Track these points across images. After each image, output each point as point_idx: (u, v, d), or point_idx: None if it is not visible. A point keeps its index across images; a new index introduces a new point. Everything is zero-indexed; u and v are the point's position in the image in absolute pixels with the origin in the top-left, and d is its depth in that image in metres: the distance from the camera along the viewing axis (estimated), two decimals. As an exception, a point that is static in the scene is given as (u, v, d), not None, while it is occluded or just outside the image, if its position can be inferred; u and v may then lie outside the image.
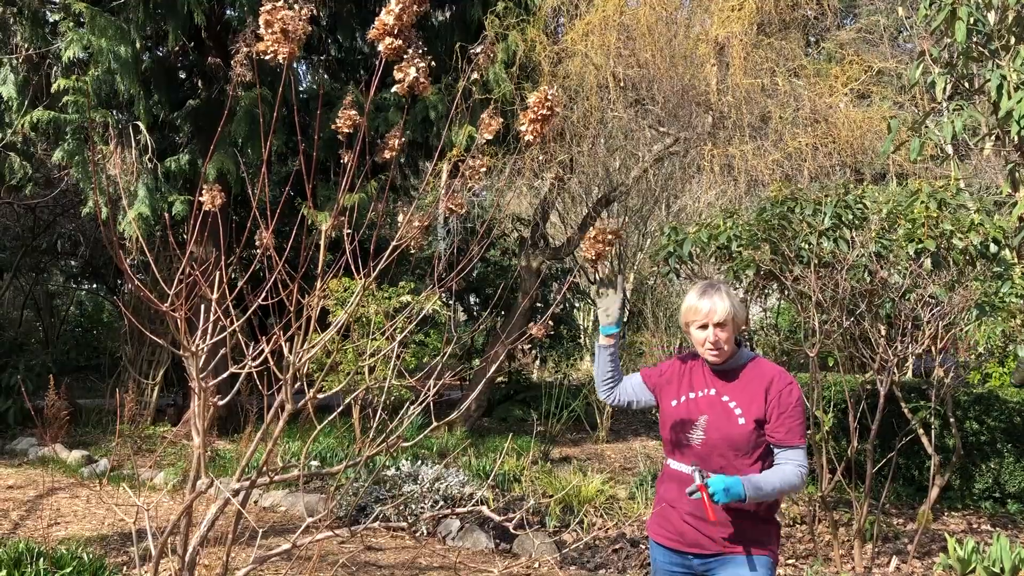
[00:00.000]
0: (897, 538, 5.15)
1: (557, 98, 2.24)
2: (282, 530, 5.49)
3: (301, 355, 2.43)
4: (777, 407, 2.36)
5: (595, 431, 9.65)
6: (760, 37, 8.10)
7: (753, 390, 2.40)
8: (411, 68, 2.10)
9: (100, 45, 6.88)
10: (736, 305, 2.39)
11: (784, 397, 2.36)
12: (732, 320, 2.40)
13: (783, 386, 2.37)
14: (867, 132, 7.72)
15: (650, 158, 8.39)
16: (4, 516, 5.56)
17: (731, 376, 2.45)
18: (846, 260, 4.44)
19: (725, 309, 2.38)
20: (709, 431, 2.40)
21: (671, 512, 2.49)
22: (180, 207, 7.48)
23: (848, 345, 4.90)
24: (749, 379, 2.42)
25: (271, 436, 2.37)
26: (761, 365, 2.46)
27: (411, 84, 2.10)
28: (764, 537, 2.42)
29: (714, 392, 2.45)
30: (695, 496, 2.27)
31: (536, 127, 2.22)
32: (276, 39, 2.48)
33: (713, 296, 2.39)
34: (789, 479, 2.34)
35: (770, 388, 2.38)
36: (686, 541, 2.44)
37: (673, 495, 2.48)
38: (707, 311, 2.40)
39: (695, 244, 5.01)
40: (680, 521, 2.45)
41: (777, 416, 2.36)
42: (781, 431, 2.37)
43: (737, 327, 2.41)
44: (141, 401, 8.78)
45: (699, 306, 2.41)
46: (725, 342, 2.41)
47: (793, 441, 2.37)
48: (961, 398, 6.19)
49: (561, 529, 5.39)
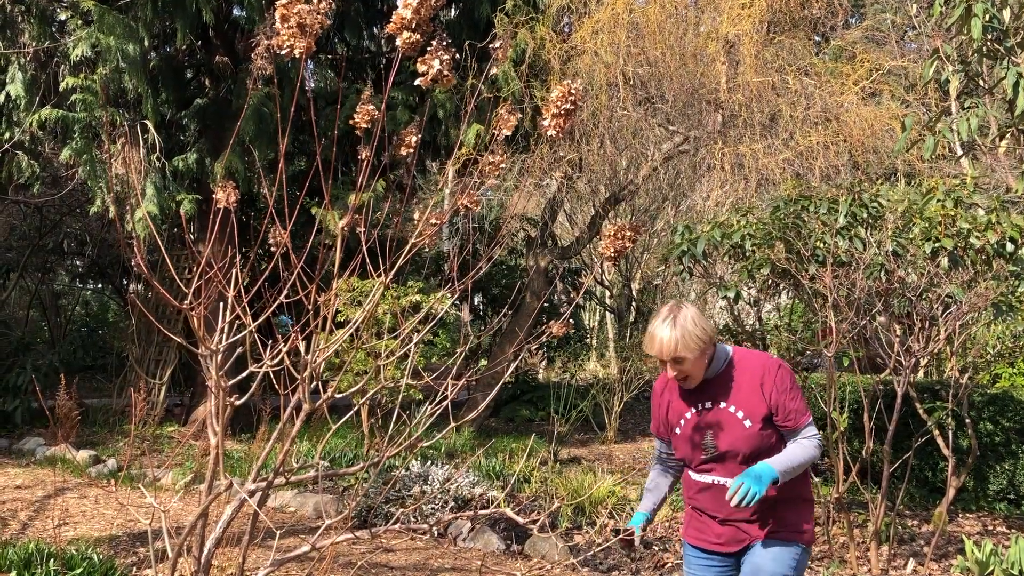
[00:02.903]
0: (913, 540, 5.10)
1: (579, 93, 2.20)
2: (292, 531, 5.45)
3: (318, 354, 2.39)
4: (777, 396, 2.35)
5: (603, 431, 9.61)
6: (771, 35, 8.06)
7: (748, 389, 2.37)
8: (435, 60, 2.06)
9: (108, 43, 6.86)
10: (693, 334, 2.28)
11: (779, 384, 2.35)
12: (687, 348, 2.30)
13: (775, 373, 2.36)
14: (878, 131, 7.67)
15: (659, 157, 8.35)
16: (13, 516, 5.53)
17: (718, 383, 2.41)
18: (863, 259, 4.39)
19: (672, 344, 2.29)
20: (720, 443, 2.40)
21: (709, 520, 2.47)
22: (188, 206, 7.46)
23: (863, 345, 4.85)
24: (739, 378, 2.40)
25: (287, 436, 2.33)
26: (743, 359, 2.43)
27: (435, 76, 2.06)
28: (795, 522, 2.42)
29: (710, 404, 2.42)
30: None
31: (559, 121, 2.18)
32: (293, 33, 2.44)
33: (664, 329, 2.30)
34: (809, 451, 2.35)
35: (764, 382, 2.36)
36: (724, 540, 2.44)
37: (708, 505, 2.46)
38: (657, 349, 2.33)
39: (708, 243, 4.97)
40: (719, 525, 2.44)
41: (782, 405, 2.36)
42: (791, 419, 2.38)
43: (701, 349, 2.32)
44: (149, 401, 8.76)
45: (650, 340, 2.34)
46: (688, 373, 2.36)
47: (800, 421, 2.38)
48: (975, 399, 6.14)
49: (573, 530, 5.35)
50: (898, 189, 5.58)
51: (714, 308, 9.27)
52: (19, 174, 7.86)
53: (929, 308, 4.41)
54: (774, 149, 7.56)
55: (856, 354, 4.77)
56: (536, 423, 10.86)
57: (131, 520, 5.48)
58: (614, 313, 15.94)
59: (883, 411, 4.74)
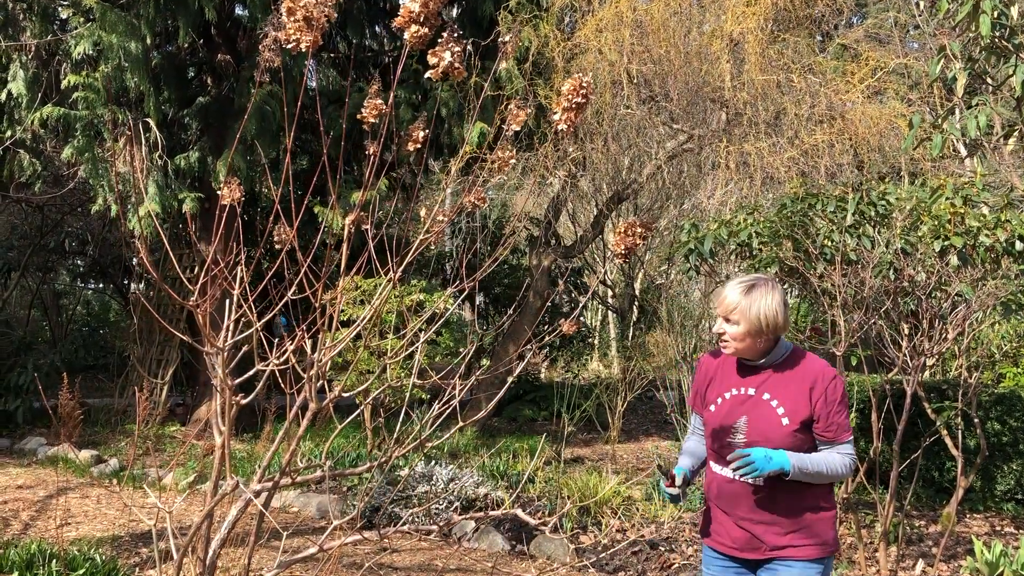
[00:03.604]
0: (921, 540, 5.06)
1: (591, 86, 2.16)
2: (297, 531, 5.42)
3: (324, 353, 2.35)
4: (824, 406, 2.29)
5: (606, 431, 9.56)
6: (775, 33, 8.02)
7: (797, 388, 2.32)
8: (446, 52, 2.02)
9: (110, 41, 6.82)
10: (758, 305, 2.29)
11: (830, 395, 2.29)
12: (745, 318, 2.31)
13: (828, 383, 2.30)
14: (884, 129, 7.63)
15: (663, 155, 8.31)
16: (15, 516, 5.50)
17: (770, 373, 2.37)
18: (872, 257, 4.35)
19: (732, 303, 2.32)
20: (750, 433, 2.34)
21: (723, 516, 2.43)
22: (191, 204, 7.42)
23: (872, 344, 4.81)
24: (791, 376, 2.34)
25: (294, 436, 2.30)
26: (802, 360, 2.38)
27: (446, 69, 2.02)
28: (816, 534, 2.35)
29: (753, 391, 2.37)
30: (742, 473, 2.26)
31: (570, 115, 2.14)
32: (299, 27, 2.40)
33: (736, 291, 2.34)
34: (835, 465, 2.29)
35: (815, 387, 2.30)
36: (738, 545, 2.39)
37: (726, 501, 2.42)
38: (720, 301, 2.37)
39: (714, 241, 4.93)
40: (734, 526, 2.39)
41: (826, 416, 2.29)
42: (831, 430, 2.31)
43: (758, 329, 2.31)
44: (151, 401, 8.72)
45: (720, 292, 2.40)
46: (734, 338, 2.35)
47: (842, 436, 2.32)
48: (982, 398, 6.10)
49: (578, 531, 5.31)
50: (904, 187, 5.54)
51: (718, 307, 9.23)
52: (20, 173, 7.82)
53: (938, 307, 4.37)
54: (779, 147, 7.52)
55: (865, 352, 4.73)
56: (539, 423, 10.82)
57: (134, 520, 5.44)
58: (616, 312, 15.89)
59: (891, 411, 4.71)
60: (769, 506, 2.33)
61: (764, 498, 2.34)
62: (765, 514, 2.34)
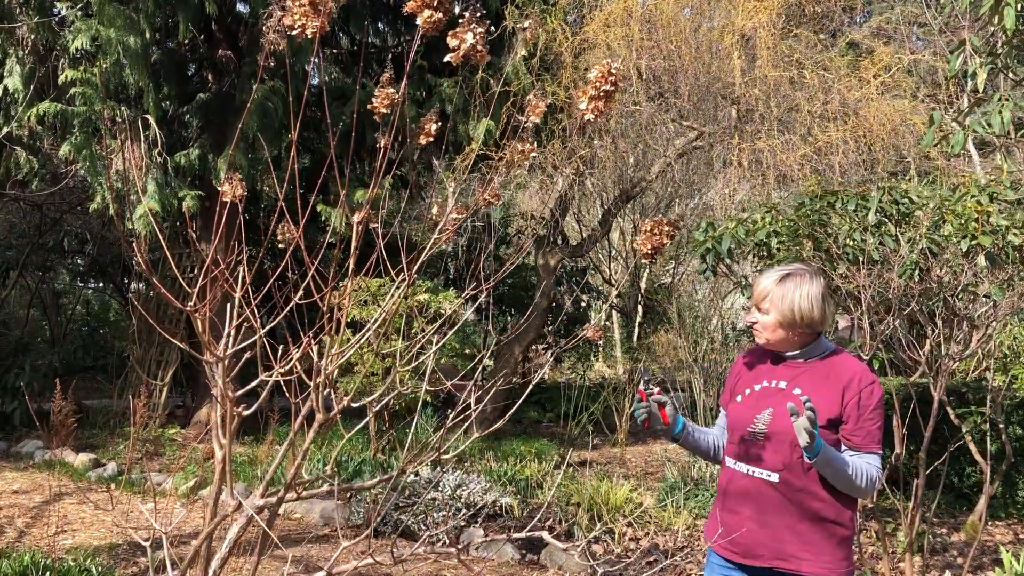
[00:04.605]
0: (945, 550, 4.91)
1: (620, 73, 2.00)
2: (299, 539, 5.27)
3: (332, 360, 2.20)
4: (856, 409, 2.14)
5: (613, 433, 9.41)
6: (787, 28, 7.86)
7: (830, 386, 2.18)
8: (467, 33, 1.86)
9: (108, 35, 6.66)
10: (792, 296, 2.17)
11: (864, 399, 2.14)
12: (776, 308, 2.20)
13: (864, 386, 2.15)
14: (898, 126, 7.47)
15: (673, 153, 8.15)
16: (10, 523, 5.35)
17: (804, 368, 2.24)
18: (899, 257, 4.19)
19: (764, 291, 2.22)
20: (772, 424, 2.19)
21: (729, 517, 2.28)
22: (191, 202, 7.26)
23: (895, 346, 4.65)
24: (826, 373, 2.21)
25: (300, 449, 2.14)
26: (842, 360, 2.23)
27: (467, 52, 1.86)
28: (829, 551, 2.17)
29: (784, 385, 2.24)
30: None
31: (598, 104, 1.99)
32: (304, 12, 2.25)
33: (771, 279, 2.23)
34: (860, 470, 2.11)
35: (849, 387, 2.15)
36: (741, 550, 2.23)
37: (735, 499, 2.27)
38: (755, 288, 2.27)
39: (732, 240, 4.77)
40: (740, 527, 2.23)
41: (856, 420, 2.14)
42: (859, 436, 2.15)
43: (791, 320, 2.19)
44: (150, 403, 8.57)
45: (756, 278, 2.29)
46: (764, 328, 2.23)
47: (870, 447, 2.15)
48: (1004, 403, 5.94)
49: (591, 540, 5.15)
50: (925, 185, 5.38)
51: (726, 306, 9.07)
52: (17, 170, 7.67)
53: (965, 308, 4.21)
54: (791, 145, 7.36)
55: (887, 355, 4.57)
56: (544, 424, 10.67)
57: (132, 527, 5.29)
58: (621, 312, 15.74)
59: (914, 414, 4.55)
60: (781, 509, 2.18)
61: (777, 500, 2.18)
62: (775, 517, 2.18)
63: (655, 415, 2.29)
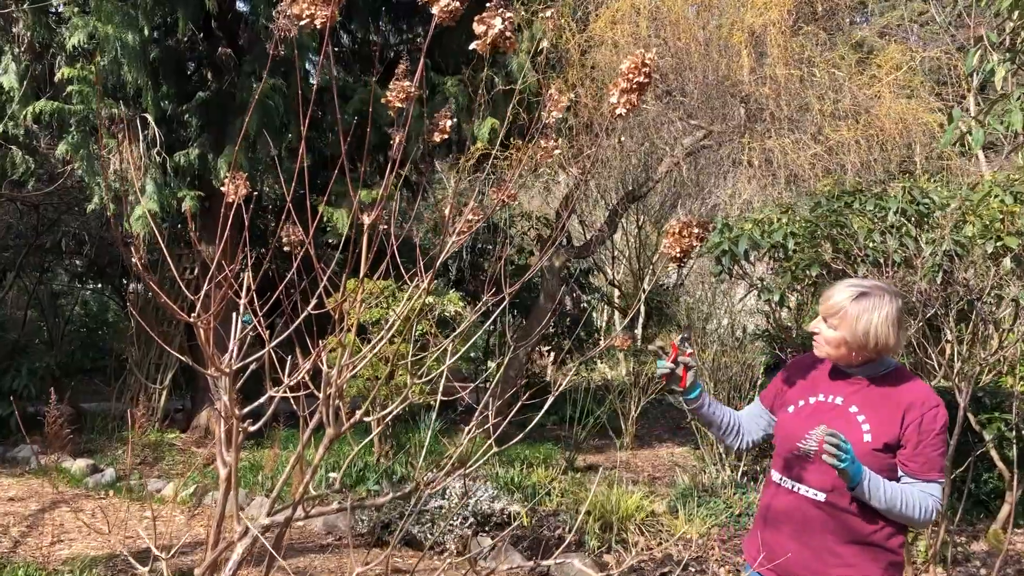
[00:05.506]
0: (968, 560, 4.77)
1: (654, 63, 1.87)
2: (301, 548, 5.13)
3: (344, 371, 2.06)
4: (916, 434, 1.99)
5: (619, 437, 9.27)
6: (797, 25, 7.73)
7: (890, 407, 2.03)
8: (496, 19, 1.73)
9: (106, 32, 6.52)
10: (868, 318, 2.02)
11: (927, 423, 1.99)
12: (848, 327, 2.06)
13: (927, 410, 2.00)
14: (911, 125, 7.34)
15: (681, 152, 8.01)
16: (4, 532, 5.20)
17: (864, 385, 2.10)
18: (922, 259, 4.06)
19: (837, 305, 2.08)
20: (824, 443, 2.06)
21: (770, 534, 2.15)
22: (191, 203, 7.12)
23: (914, 350, 4.52)
24: (887, 394, 2.06)
25: (310, 467, 2.01)
26: (904, 380, 2.09)
27: (495, 39, 1.73)
28: None
29: (841, 401, 2.10)
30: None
31: (630, 98, 1.85)
32: (313, 1, 2.12)
33: (845, 293, 2.08)
34: (913, 501, 1.96)
35: (910, 410, 2.01)
36: (780, 570, 2.10)
37: (777, 515, 2.14)
38: (824, 299, 2.14)
39: (749, 241, 4.64)
40: (780, 546, 2.11)
41: (915, 445, 1.99)
42: (917, 462, 2.00)
43: (861, 343, 2.05)
44: (148, 406, 8.43)
45: (829, 290, 2.15)
46: (828, 342, 2.10)
47: (929, 475, 2.00)
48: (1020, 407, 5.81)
49: (602, 549, 5.02)
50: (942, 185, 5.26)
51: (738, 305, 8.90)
52: (13, 170, 7.52)
53: (991, 312, 4.08)
54: (802, 144, 7.23)
55: (908, 359, 4.44)
56: (548, 427, 10.52)
57: (129, 537, 5.15)
58: (624, 314, 15.59)
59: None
60: (824, 530, 2.06)
61: (821, 520, 2.06)
62: (817, 537, 2.06)
63: (676, 375, 2.23)
